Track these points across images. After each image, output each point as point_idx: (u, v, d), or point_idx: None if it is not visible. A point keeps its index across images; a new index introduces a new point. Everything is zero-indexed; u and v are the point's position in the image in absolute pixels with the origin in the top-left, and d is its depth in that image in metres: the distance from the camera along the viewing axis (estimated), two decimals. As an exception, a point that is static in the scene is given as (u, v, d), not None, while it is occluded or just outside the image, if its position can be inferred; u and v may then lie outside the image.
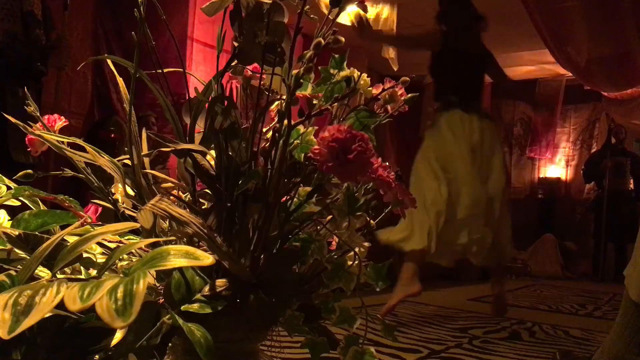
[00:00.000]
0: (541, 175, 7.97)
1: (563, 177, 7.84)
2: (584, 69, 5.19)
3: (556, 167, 7.87)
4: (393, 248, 2.68)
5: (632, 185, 6.55)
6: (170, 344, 0.74)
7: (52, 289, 0.47)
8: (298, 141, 0.83)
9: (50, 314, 0.62)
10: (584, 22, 4.47)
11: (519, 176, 8.05)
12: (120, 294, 0.45)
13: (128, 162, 0.85)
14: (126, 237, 0.85)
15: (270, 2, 0.78)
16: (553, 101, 7.52)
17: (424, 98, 7.71)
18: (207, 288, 0.71)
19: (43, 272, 0.70)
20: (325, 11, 3.71)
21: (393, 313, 2.94)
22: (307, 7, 0.80)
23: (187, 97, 0.86)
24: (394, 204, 0.86)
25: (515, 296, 4.17)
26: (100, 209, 0.99)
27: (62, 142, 0.83)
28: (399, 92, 0.90)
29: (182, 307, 0.66)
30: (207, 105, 0.83)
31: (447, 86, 2.89)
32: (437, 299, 3.65)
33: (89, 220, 0.80)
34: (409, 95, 0.90)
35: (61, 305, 0.48)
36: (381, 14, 4.61)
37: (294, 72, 0.77)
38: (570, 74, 6.26)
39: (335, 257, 0.84)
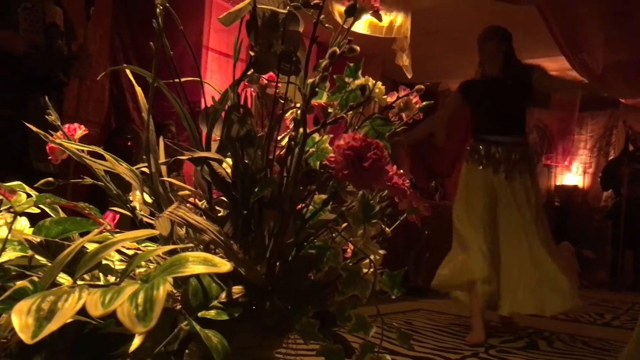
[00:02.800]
0: (558, 183, 7.90)
1: (580, 185, 7.76)
2: (600, 75, 5.14)
3: (573, 174, 7.79)
4: None
5: (650, 193, 6.45)
6: (187, 350, 0.74)
7: (74, 295, 0.48)
8: (313, 149, 0.84)
9: (71, 320, 0.63)
10: (600, 28, 4.44)
11: (535, 184, 7.97)
12: (140, 299, 0.46)
13: (145, 169, 0.86)
14: (143, 245, 0.86)
15: (286, 11, 0.79)
16: (569, 108, 7.45)
17: (438, 106, 7.70)
18: (223, 295, 0.71)
19: (63, 279, 0.71)
20: (339, 20, 3.72)
21: (408, 321, 2.93)
22: (322, 16, 0.81)
23: (203, 106, 0.87)
24: (409, 211, 0.87)
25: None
26: (118, 216, 1.00)
27: (82, 151, 0.85)
28: (414, 100, 0.90)
29: (199, 314, 0.67)
30: (223, 113, 0.84)
31: None
32: (452, 308, 3.62)
33: (108, 228, 0.81)
34: (424, 103, 0.90)
35: (80, 310, 0.48)
36: (395, 21, 4.62)
37: (310, 80, 0.78)
38: (586, 81, 6.21)
39: (351, 264, 0.85)
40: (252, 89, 0.94)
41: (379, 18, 0.86)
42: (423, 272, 4.60)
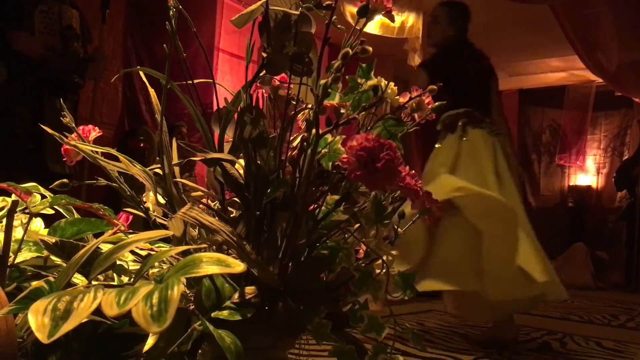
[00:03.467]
0: (571, 183, 7.83)
1: (594, 185, 7.69)
2: (614, 74, 5.10)
3: (587, 175, 7.73)
4: None
5: (665, 193, 6.38)
6: (200, 351, 0.75)
7: (89, 295, 0.49)
8: (326, 150, 0.84)
9: (85, 320, 0.64)
10: (614, 27, 4.40)
11: (548, 184, 7.92)
12: (155, 299, 0.46)
13: (158, 170, 0.87)
14: (156, 245, 0.86)
15: (298, 13, 0.80)
16: (583, 108, 7.39)
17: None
18: (236, 295, 0.72)
19: (78, 279, 0.72)
20: (351, 21, 3.71)
21: (420, 322, 2.92)
22: (334, 17, 0.81)
23: (215, 107, 0.87)
24: (421, 212, 0.86)
25: (546, 306, 4.09)
26: (131, 217, 1.01)
27: (96, 152, 0.86)
28: (426, 101, 0.90)
29: (213, 314, 0.67)
30: (236, 115, 0.84)
31: None
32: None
33: (122, 229, 0.82)
34: (436, 103, 0.90)
35: (94, 311, 0.49)
36: (407, 22, 4.61)
37: (322, 81, 0.78)
38: (600, 80, 6.16)
39: (363, 265, 0.85)
40: (264, 91, 0.95)
41: (392, 19, 0.85)
42: (435, 273, 4.58)
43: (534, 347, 2.46)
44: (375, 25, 4.36)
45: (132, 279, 0.75)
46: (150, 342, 0.66)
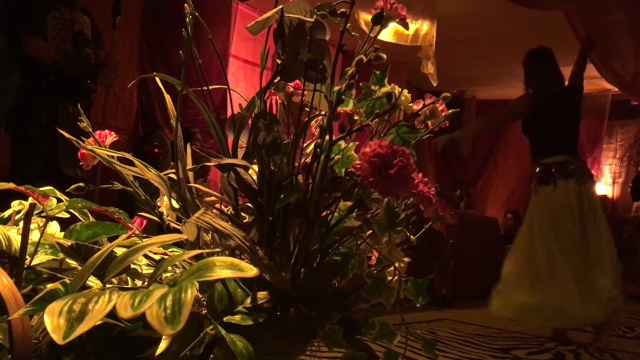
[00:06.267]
0: (586, 193, 7.74)
1: (609, 195, 7.60)
2: (630, 83, 5.05)
3: (602, 184, 7.64)
4: None
5: (682, 204, 6.29)
6: (212, 355, 0.75)
7: (104, 297, 0.49)
8: (339, 156, 0.84)
9: (99, 322, 0.65)
10: (629, 36, 4.36)
11: (562, 193, 7.83)
12: (169, 302, 0.46)
13: (173, 176, 0.87)
14: (169, 250, 0.87)
15: (313, 20, 0.80)
16: (599, 116, 7.32)
17: (464, 114, 7.64)
18: (248, 300, 0.72)
19: (92, 282, 0.72)
20: (365, 28, 3.72)
21: (432, 331, 2.90)
22: (349, 24, 0.82)
23: (228, 114, 0.88)
24: (434, 219, 0.86)
25: (559, 317, 4.03)
26: (145, 221, 1.02)
27: (112, 157, 0.86)
28: (440, 108, 0.90)
29: (225, 319, 0.68)
30: (250, 121, 0.85)
31: None
32: (478, 318, 3.57)
33: (137, 232, 0.83)
34: (450, 111, 0.90)
35: (109, 313, 0.49)
36: (420, 29, 4.60)
37: (336, 88, 0.78)
38: (616, 89, 6.10)
39: (375, 271, 0.84)
40: (278, 97, 0.95)
41: (406, 26, 0.86)
42: (448, 282, 4.56)
43: (547, 358, 2.43)
44: (389, 33, 4.35)
45: (145, 283, 0.76)
46: (162, 345, 0.67)
